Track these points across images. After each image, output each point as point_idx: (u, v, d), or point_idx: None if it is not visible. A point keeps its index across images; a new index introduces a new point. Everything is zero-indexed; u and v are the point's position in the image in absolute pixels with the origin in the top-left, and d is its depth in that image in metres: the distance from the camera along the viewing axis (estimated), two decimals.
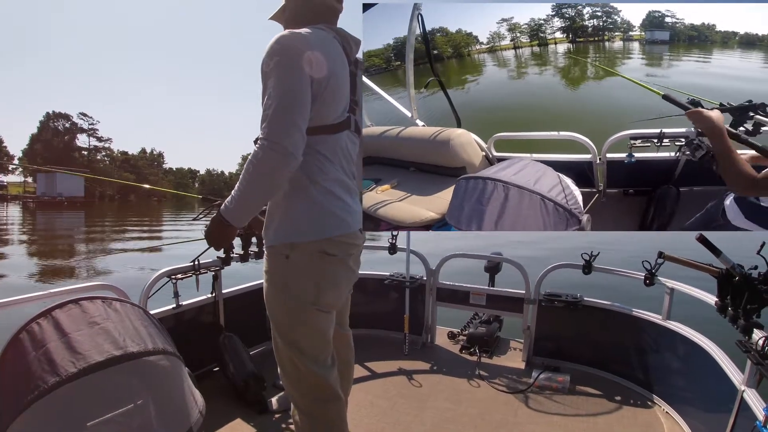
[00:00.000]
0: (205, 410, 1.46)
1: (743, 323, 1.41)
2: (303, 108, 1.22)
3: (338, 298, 1.44)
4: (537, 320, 2.96)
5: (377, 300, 3.43)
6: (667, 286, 2.41)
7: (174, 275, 2.39)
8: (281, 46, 1.22)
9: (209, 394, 1.66)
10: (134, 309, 1.50)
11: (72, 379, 1.12)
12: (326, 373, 1.42)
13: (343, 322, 1.70)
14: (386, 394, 2.53)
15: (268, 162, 1.18)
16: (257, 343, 2.91)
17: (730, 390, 1.77)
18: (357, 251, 1.47)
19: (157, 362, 1.30)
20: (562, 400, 2.49)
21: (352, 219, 1.40)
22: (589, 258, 2.71)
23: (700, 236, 1.40)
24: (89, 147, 72.24)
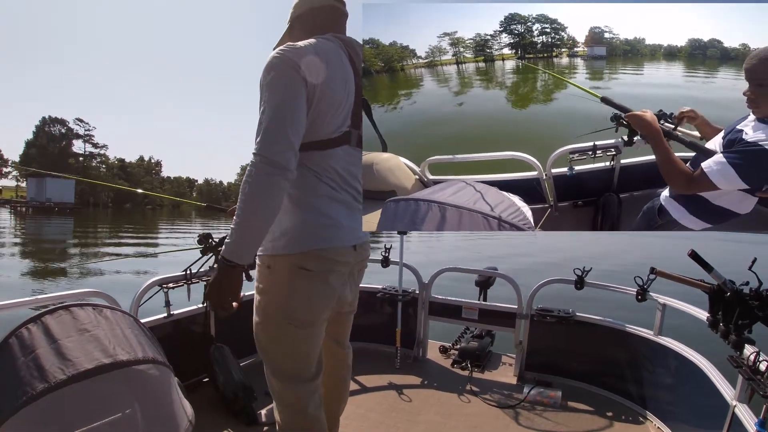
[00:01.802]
0: (194, 421, 1.44)
1: (734, 338, 1.41)
2: (296, 122, 1.20)
3: (314, 315, 1.37)
4: (529, 335, 2.96)
5: (369, 313, 3.40)
6: (658, 302, 2.43)
7: (165, 284, 2.37)
8: (277, 60, 1.22)
9: (198, 404, 1.64)
10: (125, 317, 1.48)
11: (61, 386, 1.10)
12: (297, 386, 1.41)
13: (342, 340, 1.66)
14: (377, 408, 2.50)
15: (262, 177, 1.16)
16: (247, 355, 2.88)
17: (721, 405, 1.77)
18: (345, 268, 1.41)
19: (146, 371, 1.28)
20: (553, 415, 2.48)
21: (336, 234, 1.35)
22: (581, 273, 2.73)
23: (691, 252, 1.41)
24: (84, 153, 72.00)
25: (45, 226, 28.85)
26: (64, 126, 69.90)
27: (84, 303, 1.42)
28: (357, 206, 1.44)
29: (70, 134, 70.37)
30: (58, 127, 69.50)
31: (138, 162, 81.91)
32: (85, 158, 71.88)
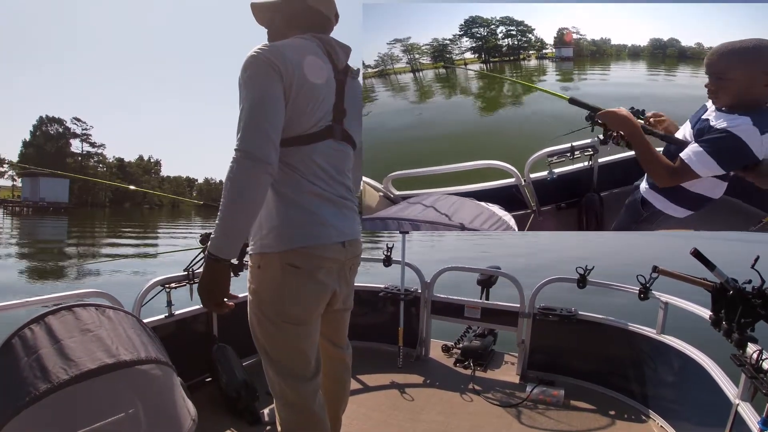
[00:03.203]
0: (197, 421, 1.44)
1: (737, 337, 1.41)
2: (273, 117, 1.22)
3: (307, 312, 1.38)
4: (531, 334, 2.96)
5: (371, 312, 3.41)
6: (661, 301, 2.42)
7: (167, 284, 2.37)
8: (253, 59, 1.24)
9: (201, 404, 1.64)
10: (127, 317, 1.48)
11: (64, 386, 1.10)
12: (299, 384, 1.40)
13: (338, 340, 1.63)
14: (379, 407, 2.50)
15: (242, 172, 1.17)
16: (250, 354, 2.88)
17: (724, 404, 1.77)
18: (335, 264, 1.40)
19: (149, 371, 1.28)
20: (556, 414, 2.48)
21: (323, 232, 1.35)
22: (583, 272, 2.72)
23: (694, 250, 1.41)
24: (82, 152, 71.63)
25: (39, 227, 28.42)
26: (61, 125, 69.67)
27: (87, 303, 1.42)
28: (345, 202, 1.44)
29: (68, 133, 70.11)
30: (55, 127, 69.25)
31: (137, 161, 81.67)
32: (82, 157, 71.53)
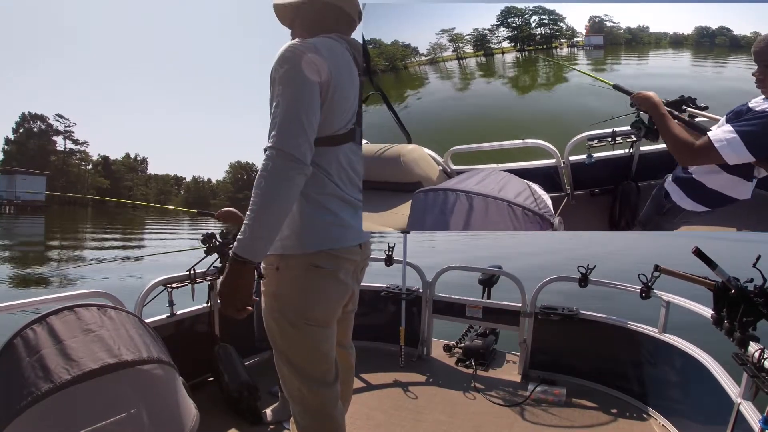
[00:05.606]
0: (199, 420, 1.45)
1: (739, 336, 1.41)
2: (310, 116, 1.20)
3: (329, 313, 1.38)
4: (533, 333, 2.96)
5: (373, 312, 3.41)
6: (663, 300, 2.42)
7: (169, 284, 2.38)
8: (291, 54, 1.21)
9: (203, 404, 1.64)
10: (129, 317, 1.48)
11: (66, 386, 1.10)
12: (322, 390, 1.38)
13: (343, 340, 1.63)
14: (382, 407, 2.50)
15: (278, 172, 1.13)
16: (252, 354, 2.89)
17: (726, 403, 1.77)
18: (352, 266, 1.41)
19: (151, 371, 1.29)
20: (558, 413, 2.48)
21: (345, 234, 1.35)
22: (585, 271, 2.72)
23: (696, 249, 1.41)
24: (64, 150, 69.79)
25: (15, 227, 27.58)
26: (44, 122, 67.88)
27: (88, 303, 1.42)
28: (359, 204, 1.44)
29: (50, 130, 68.20)
30: (38, 124, 67.49)
31: (123, 159, 79.43)
32: (64, 155, 69.40)
